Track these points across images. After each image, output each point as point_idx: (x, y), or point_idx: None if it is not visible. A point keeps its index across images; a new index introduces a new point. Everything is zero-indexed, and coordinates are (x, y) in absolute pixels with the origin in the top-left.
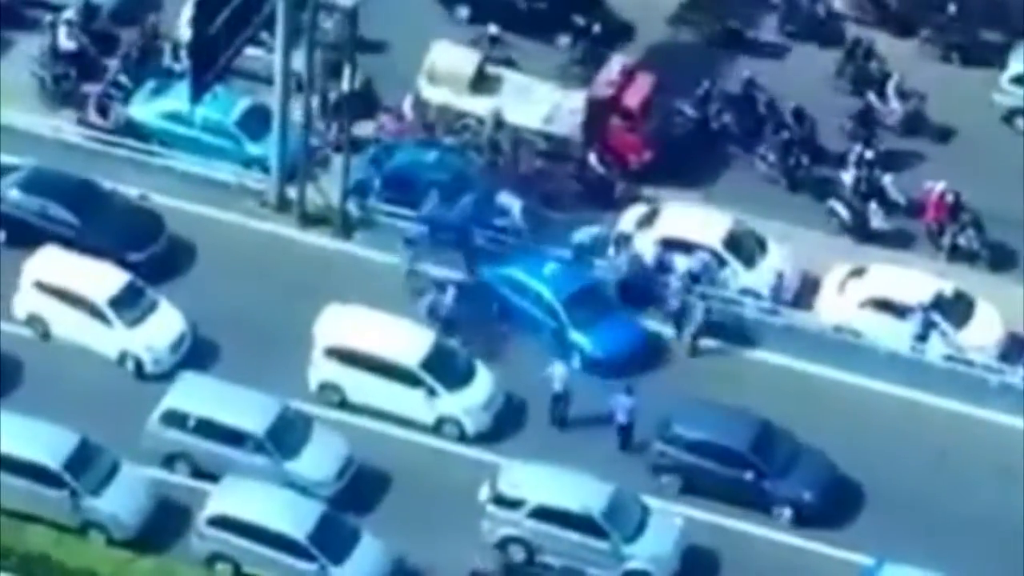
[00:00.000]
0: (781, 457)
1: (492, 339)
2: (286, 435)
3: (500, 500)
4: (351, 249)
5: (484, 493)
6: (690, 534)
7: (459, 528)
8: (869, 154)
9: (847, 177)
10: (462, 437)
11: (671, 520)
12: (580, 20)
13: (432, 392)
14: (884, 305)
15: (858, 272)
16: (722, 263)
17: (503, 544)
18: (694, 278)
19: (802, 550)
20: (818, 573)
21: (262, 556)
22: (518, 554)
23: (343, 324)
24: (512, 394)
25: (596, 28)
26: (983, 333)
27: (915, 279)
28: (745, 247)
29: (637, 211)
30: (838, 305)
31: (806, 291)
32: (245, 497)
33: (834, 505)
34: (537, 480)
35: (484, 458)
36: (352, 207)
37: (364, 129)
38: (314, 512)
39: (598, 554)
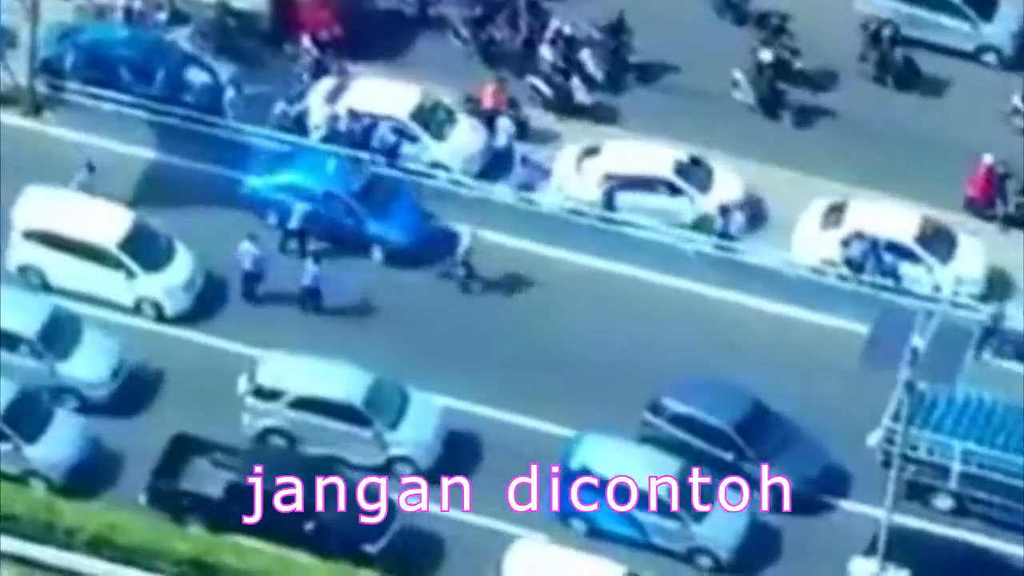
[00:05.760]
0: (768, 441)
1: None
2: (58, 336)
3: (260, 392)
4: (42, 128)
5: (243, 385)
6: (450, 421)
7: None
8: (567, 29)
9: (546, 53)
10: (160, 318)
11: (431, 406)
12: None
13: (131, 273)
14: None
15: (593, 150)
16: (412, 137)
17: (264, 435)
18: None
19: (554, 436)
20: (548, 450)
21: None
22: (280, 444)
23: (41, 206)
24: (211, 273)
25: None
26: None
27: (650, 151)
28: (434, 119)
29: (327, 84)
30: (578, 184)
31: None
32: None
33: (817, 496)
34: (296, 370)
35: (193, 338)
36: (41, 86)
37: None
38: (7, 392)
39: (361, 442)
